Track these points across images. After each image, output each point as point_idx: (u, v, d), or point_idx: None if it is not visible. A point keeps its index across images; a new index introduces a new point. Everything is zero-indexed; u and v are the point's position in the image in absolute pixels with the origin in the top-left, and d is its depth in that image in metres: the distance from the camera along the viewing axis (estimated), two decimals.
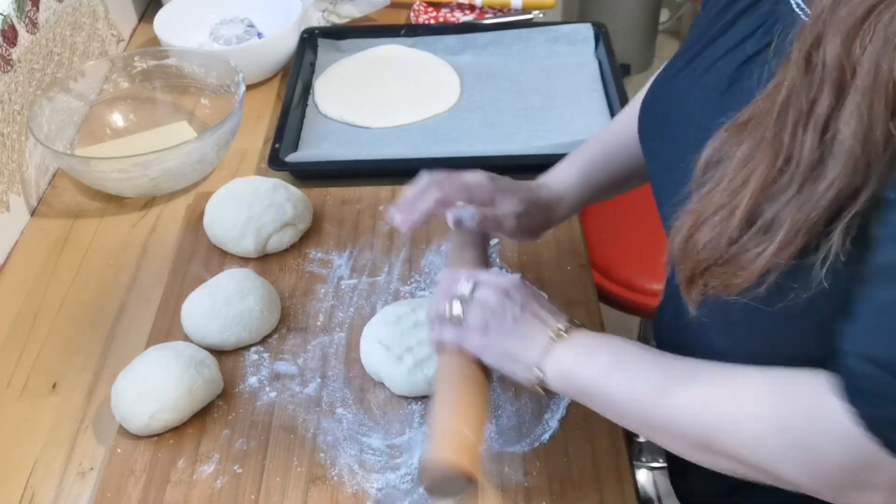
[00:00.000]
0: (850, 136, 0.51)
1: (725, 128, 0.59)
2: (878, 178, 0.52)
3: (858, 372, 0.54)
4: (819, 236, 0.54)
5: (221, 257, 1.02)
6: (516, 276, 0.75)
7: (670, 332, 0.83)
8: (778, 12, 0.63)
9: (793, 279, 0.56)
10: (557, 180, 0.91)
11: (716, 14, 0.71)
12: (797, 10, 0.61)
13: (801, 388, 0.58)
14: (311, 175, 1.15)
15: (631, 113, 0.89)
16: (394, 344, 0.86)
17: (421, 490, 0.77)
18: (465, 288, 0.74)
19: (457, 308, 0.73)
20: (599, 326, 0.92)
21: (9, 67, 1.10)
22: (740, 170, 0.57)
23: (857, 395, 0.54)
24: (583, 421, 0.83)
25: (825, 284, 0.55)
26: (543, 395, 0.71)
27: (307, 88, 1.33)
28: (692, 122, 0.68)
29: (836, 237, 0.53)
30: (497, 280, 0.74)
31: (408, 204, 0.84)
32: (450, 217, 0.87)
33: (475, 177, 0.85)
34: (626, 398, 0.66)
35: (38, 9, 1.17)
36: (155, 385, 0.82)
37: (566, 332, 0.71)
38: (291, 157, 1.16)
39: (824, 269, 0.54)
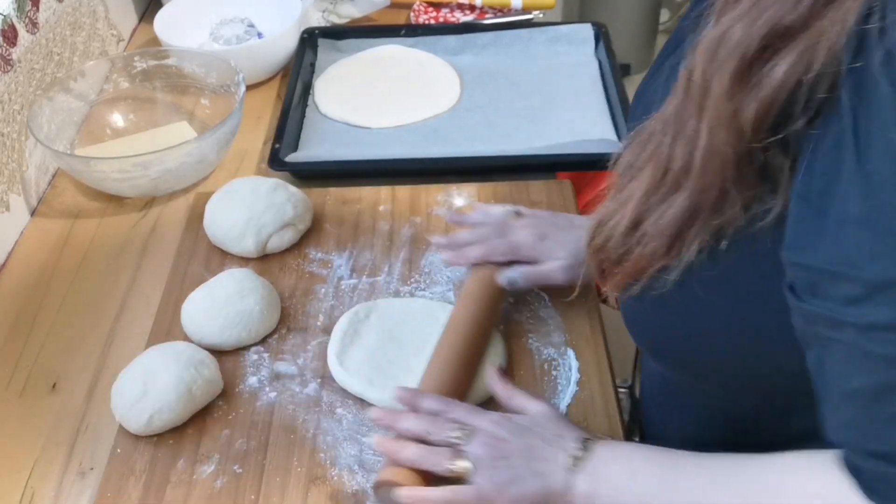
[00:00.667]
0: (700, 152, 0.55)
1: (630, 136, 0.64)
2: (737, 205, 0.56)
3: (868, 471, 0.53)
4: (681, 243, 0.59)
5: (221, 257, 1.02)
6: (496, 415, 0.74)
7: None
8: None
9: (657, 278, 0.62)
10: None
11: (690, 17, 0.71)
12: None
13: (830, 485, 0.56)
14: (311, 175, 1.15)
15: None
16: (357, 368, 0.86)
17: None
18: (456, 434, 0.72)
19: (462, 465, 0.71)
20: (600, 326, 0.92)
21: (9, 67, 1.10)
22: (632, 178, 0.62)
23: (875, 494, 0.53)
24: (583, 420, 0.83)
25: (675, 287, 0.60)
26: None
27: (307, 88, 1.33)
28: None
29: (692, 245, 0.58)
30: (484, 420, 0.73)
31: (454, 245, 0.92)
32: (501, 278, 0.89)
33: (522, 236, 0.89)
34: None
35: (38, 9, 1.17)
36: (155, 385, 0.82)
37: (582, 455, 0.69)
38: (291, 158, 1.16)
39: (675, 274, 0.60)
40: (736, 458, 0.64)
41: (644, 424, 0.94)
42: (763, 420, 0.71)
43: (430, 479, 0.73)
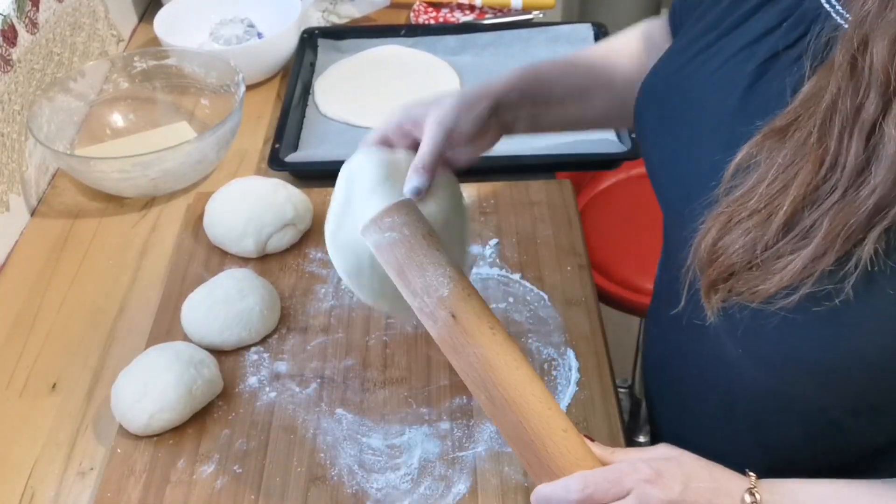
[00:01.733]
0: (892, 146, 0.50)
1: (763, 132, 0.57)
2: None
3: None
4: (855, 245, 0.52)
5: (221, 257, 1.02)
6: (643, 469, 0.61)
7: (670, 335, 0.82)
8: (803, 7, 0.61)
9: (822, 288, 0.54)
10: (497, 77, 0.84)
11: (729, 4, 0.68)
12: (828, 6, 0.58)
13: None
14: (311, 175, 1.15)
15: (614, 47, 0.89)
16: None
17: (421, 490, 0.77)
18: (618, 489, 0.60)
19: None
20: (600, 326, 0.92)
21: (9, 67, 1.10)
22: (779, 175, 0.55)
23: None
24: (583, 421, 0.83)
25: (851, 294, 0.53)
26: None
27: (307, 88, 1.33)
28: (705, 120, 0.65)
29: (868, 245, 0.52)
30: (642, 489, 0.60)
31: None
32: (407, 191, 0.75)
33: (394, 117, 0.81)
34: None
35: (37, 9, 1.17)
36: (155, 385, 0.82)
37: (755, 492, 0.60)
38: (291, 158, 1.16)
39: (853, 278, 0.53)
40: None
41: (654, 422, 0.93)
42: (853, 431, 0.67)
43: None
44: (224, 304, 0.90)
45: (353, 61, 1.38)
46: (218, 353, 0.90)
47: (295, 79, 1.30)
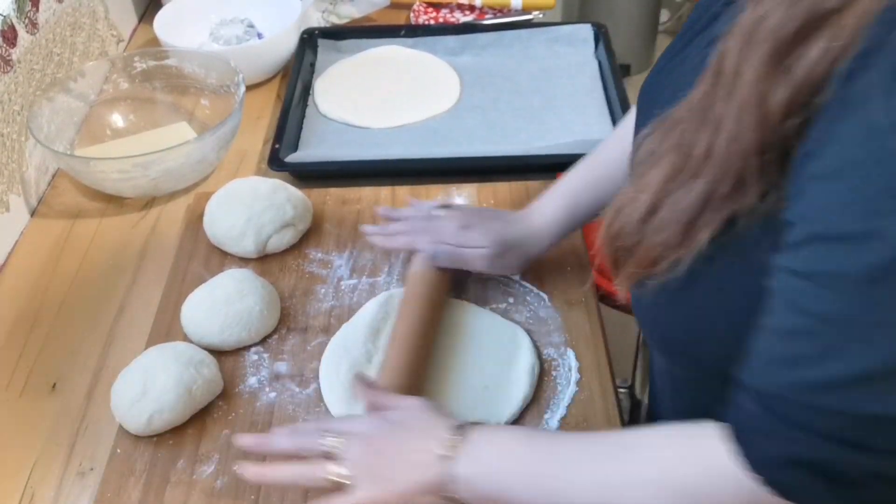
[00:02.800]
0: (723, 141, 0.55)
1: (653, 124, 0.62)
2: (754, 193, 0.55)
3: (741, 408, 0.56)
4: (695, 232, 0.58)
5: (221, 257, 1.02)
6: (368, 417, 0.74)
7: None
8: None
9: (674, 271, 0.60)
10: (543, 212, 0.93)
11: (704, 6, 0.71)
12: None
13: (693, 441, 0.59)
14: (311, 175, 1.15)
15: (620, 135, 0.90)
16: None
17: None
18: (331, 443, 0.70)
19: (339, 472, 0.69)
20: (600, 326, 0.92)
21: (9, 68, 1.10)
22: (651, 165, 0.61)
23: (741, 436, 0.56)
24: (583, 421, 0.83)
25: (690, 277, 0.59)
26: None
27: (307, 89, 1.33)
28: None
29: (702, 233, 0.57)
30: (354, 425, 0.72)
31: (385, 232, 0.97)
32: (425, 250, 0.92)
33: (446, 226, 0.92)
34: (531, 496, 0.65)
35: (37, 9, 1.17)
36: (154, 385, 0.82)
37: (453, 445, 0.68)
38: (291, 158, 1.16)
39: (687, 262, 0.59)
40: (607, 432, 0.66)
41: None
42: None
43: None
44: (224, 305, 0.90)
45: (353, 61, 1.38)
46: (218, 353, 0.90)
47: (295, 79, 1.30)
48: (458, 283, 0.96)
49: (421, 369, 0.84)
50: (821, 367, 0.51)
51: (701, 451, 0.58)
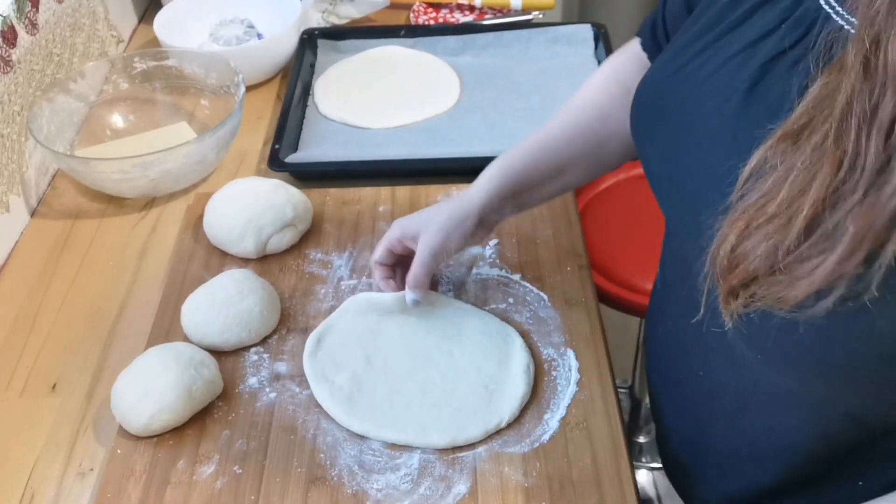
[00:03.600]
0: None
1: (776, 135, 0.56)
2: None
3: None
4: (880, 244, 0.52)
5: (221, 258, 1.02)
6: None
7: (675, 336, 0.81)
8: (802, 9, 0.61)
9: (850, 290, 0.53)
10: (478, 181, 0.90)
11: (727, 4, 0.68)
12: (828, 8, 0.58)
13: None
14: (310, 176, 1.15)
15: (579, 109, 0.88)
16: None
17: (421, 490, 0.77)
18: None
19: None
20: (600, 326, 0.92)
21: (8, 68, 1.10)
22: (798, 177, 0.54)
23: None
24: (583, 421, 0.83)
25: (875, 294, 0.52)
26: None
27: (307, 89, 1.33)
28: (706, 122, 0.65)
29: (892, 244, 0.51)
30: None
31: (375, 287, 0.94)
32: (407, 301, 0.90)
33: (389, 236, 0.91)
34: None
35: (37, 10, 1.17)
36: (155, 385, 0.82)
37: None
38: (291, 158, 1.16)
39: (878, 278, 0.52)
40: None
41: (658, 420, 0.92)
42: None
43: None
44: (224, 305, 0.90)
45: (353, 62, 1.38)
46: (218, 353, 0.90)
47: (295, 79, 1.30)
48: (457, 283, 0.96)
49: None
50: None
51: None
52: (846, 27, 0.56)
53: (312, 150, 1.21)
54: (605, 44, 1.35)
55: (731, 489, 0.78)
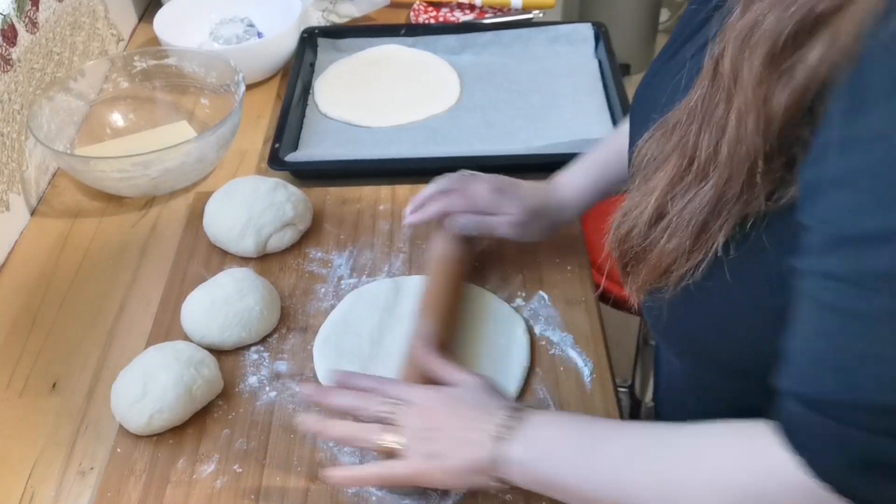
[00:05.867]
0: (728, 140, 0.55)
1: (654, 128, 0.62)
2: (763, 194, 0.55)
3: (792, 415, 0.55)
4: (710, 235, 0.58)
5: (221, 257, 1.02)
6: (427, 388, 0.74)
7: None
8: None
9: (692, 276, 0.60)
10: (569, 182, 0.95)
11: (691, 13, 0.72)
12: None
13: (753, 444, 0.58)
14: (311, 175, 1.15)
15: None
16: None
17: (421, 490, 0.77)
18: (387, 409, 0.72)
19: (393, 439, 0.71)
20: (600, 327, 0.92)
21: (8, 67, 1.10)
22: (656, 168, 0.61)
23: (800, 443, 0.55)
24: None
25: (699, 280, 0.59)
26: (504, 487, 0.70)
27: (307, 88, 1.33)
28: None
29: (717, 237, 0.57)
30: (414, 394, 0.73)
31: (417, 207, 0.94)
32: (453, 223, 0.92)
33: (479, 187, 0.92)
34: (586, 487, 0.65)
35: (37, 8, 1.17)
36: (155, 385, 0.82)
37: (510, 427, 0.68)
38: (291, 157, 1.16)
39: (705, 266, 0.59)
40: (662, 425, 0.65)
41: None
42: None
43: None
44: (224, 304, 0.90)
45: (353, 61, 1.38)
46: (218, 352, 0.90)
47: (295, 78, 1.30)
48: (477, 270, 0.97)
49: (453, 338, 0.86)
50: (878, 365, 0.50)
51: (763, 457, 0.57)
52: None
53: (312, 149, 1.21)
54: (605, 43, 1.35)
55: None
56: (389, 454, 0.71)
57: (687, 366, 0.74)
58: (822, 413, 0.53)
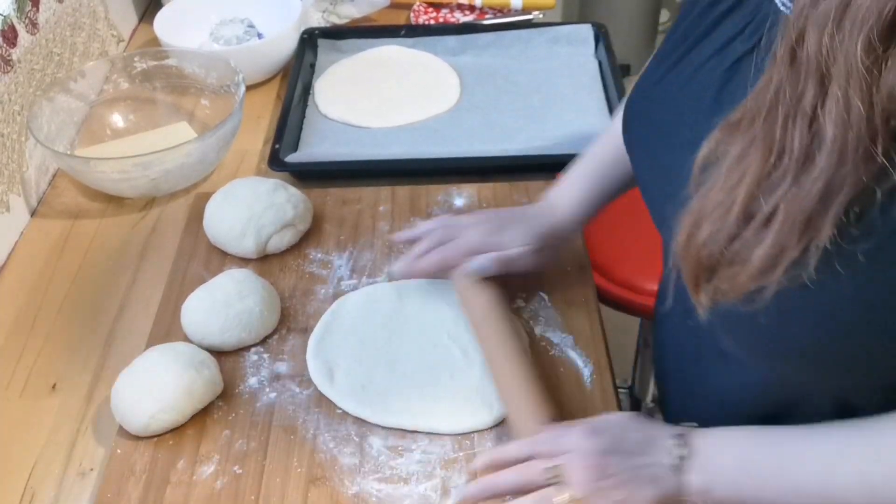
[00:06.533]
0: (832, 126, 0.52)
1: (719, 127, 0.59)
2: (869, 170, 0.52)
3: None
4: (814, 229, 0.54)
5: (221, 258, 1.02)
6: (580, 429, 0.71)
7: (673, 334, 0.83)
8: (764, 10, 0.63)
9: (793, 275, 0.56)
10: (566, 199, 0.93)
11: (698, 15, 0.71)
12: (783, 7, 0.60)
13: None
14: (311, 175, 1.15)
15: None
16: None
17: (421, 490, 0.77)
18: (550, 473, 0.69)
19: (564, 498, 0.68)
20: (600, 328, 0.92)
21: (9, 68, 1.10)
22: (735, 167, 0.57)
23: None
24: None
25: (814, 276, 0.55)
26: None
27: (307, 89, 1.33)
28: (684, 125, 0.67)
29: (827, 227, 0.54)
30: (575, 445, 0.70)
31: (410, 256, 0.91)
32: (466, 268, 0.90)
33: (474, 233, 0.89)
34: (792, 501, 0.65)
35: (38, 9, 1.17)
36: (155, 386, 0.82)
37: (685, 452, 0.67)
38: (291, 158, 1.16)
39: (813, 262, 0.54)
40: (843, 426, 0.63)
41: (664, 402, 0.93)
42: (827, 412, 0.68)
43: None
44: (224, 305, 0.90)
45: (353, 62, 1.38)
46: (218, 353, 0.90)
47: (295, 79, 1.30)
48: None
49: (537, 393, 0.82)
50: None
51: None
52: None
53: (312, 149, 1.21)
54: (605, 44, 1.35)
55: None
56: None
57: (766, 376, 0.70)
58: None
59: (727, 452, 0.67)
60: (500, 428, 0.82)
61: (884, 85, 0.49)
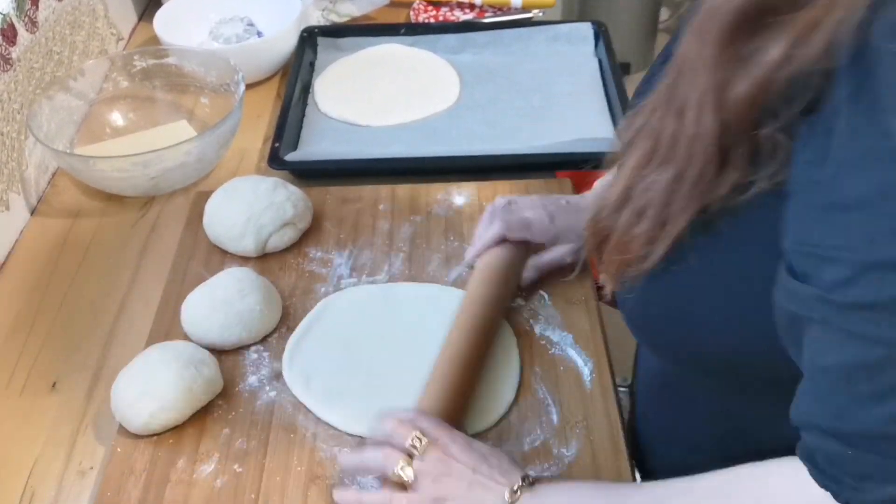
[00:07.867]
0: (686, 127, 0.56)
1: (631, 113, 0.64)
2: (724, 182, 0.55)
3: (823, 452, 0.54)
4: (668, 216, 0.58)
5: (221, 256, 1.02)
6: (460, 436, 0.74)
7: (646, 362, 0.89)
8: None
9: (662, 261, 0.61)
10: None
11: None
12: None
13: (777, 484, 0.59)
14: (310, 174, 1.15)
15: None
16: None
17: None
18: (415, 443, 0.72)
19: (407, 473, 0.71)
20: (600, 327, 0.92)
21: (8, 66, 1.10)
22: (626, 153, 0.63)
23: (828, 478, 0.54)
24: (583, 420, 0.83)
25: (671, 267, 0.60)
26: None
27: (307, 87, 1.33)
28: None
29: (682, 223, 0.58)
30: (445, 437, 0.73)
31: (479, 249, 0.93)
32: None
33: (534, 213, 0.91)
34: None
35: (37, 7, 1.17)
36: (155, 384, 0.82)
37: (521, 491, 0.69)
38: (291, 156, 1.16)
39: (662, 251, 0.59)
40: (678, 480, 0.65)
41: (636, 423, 0.94)
42: (759, 424, 0.69)
43: None
44: (224, 304, 0.90)
45: (353, 60, 1.38)
46: (218, 352, 0.90)
47: (295, 77, 1.30)
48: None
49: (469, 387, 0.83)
50: None
51: (794, 497, 0.57)
52: None
53: (312, 148, 1.20)
54: (604, 42, 1.35)
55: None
56: (401, 485, 0.72)
57: (662, 363, 0.74)
58: (863, 448, 0.51)
59: (563, 493, 0.70)
60: (480, 436, 0.82)
61: (733, 91, 0.52)
